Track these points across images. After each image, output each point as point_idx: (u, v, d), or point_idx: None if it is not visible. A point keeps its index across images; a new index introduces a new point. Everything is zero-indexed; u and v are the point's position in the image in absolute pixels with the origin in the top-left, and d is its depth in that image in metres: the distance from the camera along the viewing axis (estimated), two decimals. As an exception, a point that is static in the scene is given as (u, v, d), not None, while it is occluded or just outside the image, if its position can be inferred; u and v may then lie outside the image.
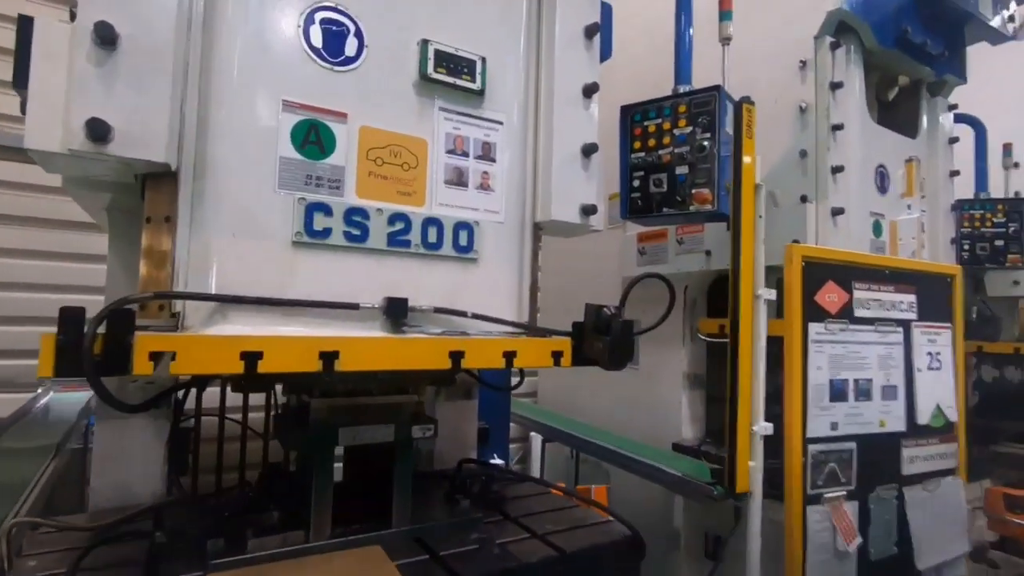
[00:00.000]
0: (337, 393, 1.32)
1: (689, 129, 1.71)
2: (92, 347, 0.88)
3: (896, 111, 2.80)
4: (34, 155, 0.99)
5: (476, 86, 1.35)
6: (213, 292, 1.07)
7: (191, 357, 0.97)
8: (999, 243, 2.98)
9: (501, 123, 1.42)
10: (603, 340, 1.32)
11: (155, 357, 0.94)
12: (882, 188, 2.46)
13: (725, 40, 1.95)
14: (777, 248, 2.01)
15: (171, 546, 1.21)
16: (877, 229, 2.43)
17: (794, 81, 2.30)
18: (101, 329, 0.90)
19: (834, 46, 2.22)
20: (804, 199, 2.20)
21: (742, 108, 1.80)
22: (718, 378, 2.71)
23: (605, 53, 1.60)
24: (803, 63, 2.27)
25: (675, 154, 1.72)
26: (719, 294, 2.71)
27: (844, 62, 2.27)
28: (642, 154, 1.77)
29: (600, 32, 1.56)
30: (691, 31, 1.87)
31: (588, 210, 1.49)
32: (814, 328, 1.94)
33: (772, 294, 1.90)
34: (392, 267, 1.25)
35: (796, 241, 2.12)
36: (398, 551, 1.27)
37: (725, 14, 1.95)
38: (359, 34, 1.24)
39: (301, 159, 1.16)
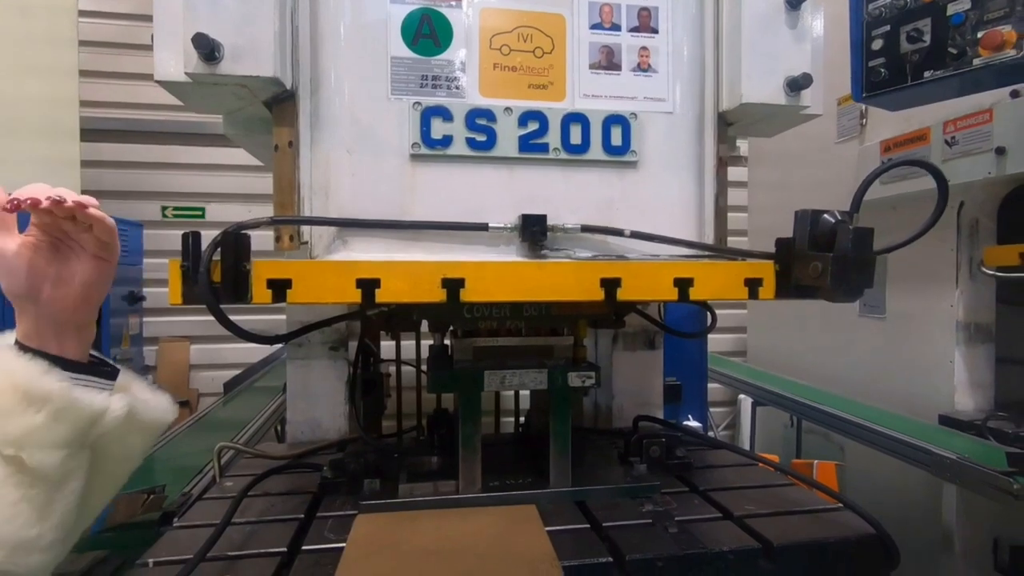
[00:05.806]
0: (480, 333, 1.16)
1: (971, -61, 1.11)
2: (209, 273, 0.84)
3: None
4: (167, 89, 0.99)
5: (625, -69, 1.02)
6: (330, 216, 0.98)
7: (306, 285, 0.89)
8: None
9: (664, -21, 1.07)
10: (823, 258, 0.92)
11: (273, 285, 0.88)
12: None
13: None
14: None
15: (335, 482, 1.21)
16: None
17: None
18: (217, 256, 0.86)
19: None
20: None
21: None
22: (1016, 330, 1.96)
23: None
24: None
25: (945, -14, 1.15)
26: (1019, 210, 1.92)
27: None
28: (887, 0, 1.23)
29: None
30: None
31: (797, 83, 1.06)
32: None
33: None
34: (527, 178, 1.03)
35: None
36: (556, 515, 1.09)
37: None
38: None
39: (414, 57, 1.00)
